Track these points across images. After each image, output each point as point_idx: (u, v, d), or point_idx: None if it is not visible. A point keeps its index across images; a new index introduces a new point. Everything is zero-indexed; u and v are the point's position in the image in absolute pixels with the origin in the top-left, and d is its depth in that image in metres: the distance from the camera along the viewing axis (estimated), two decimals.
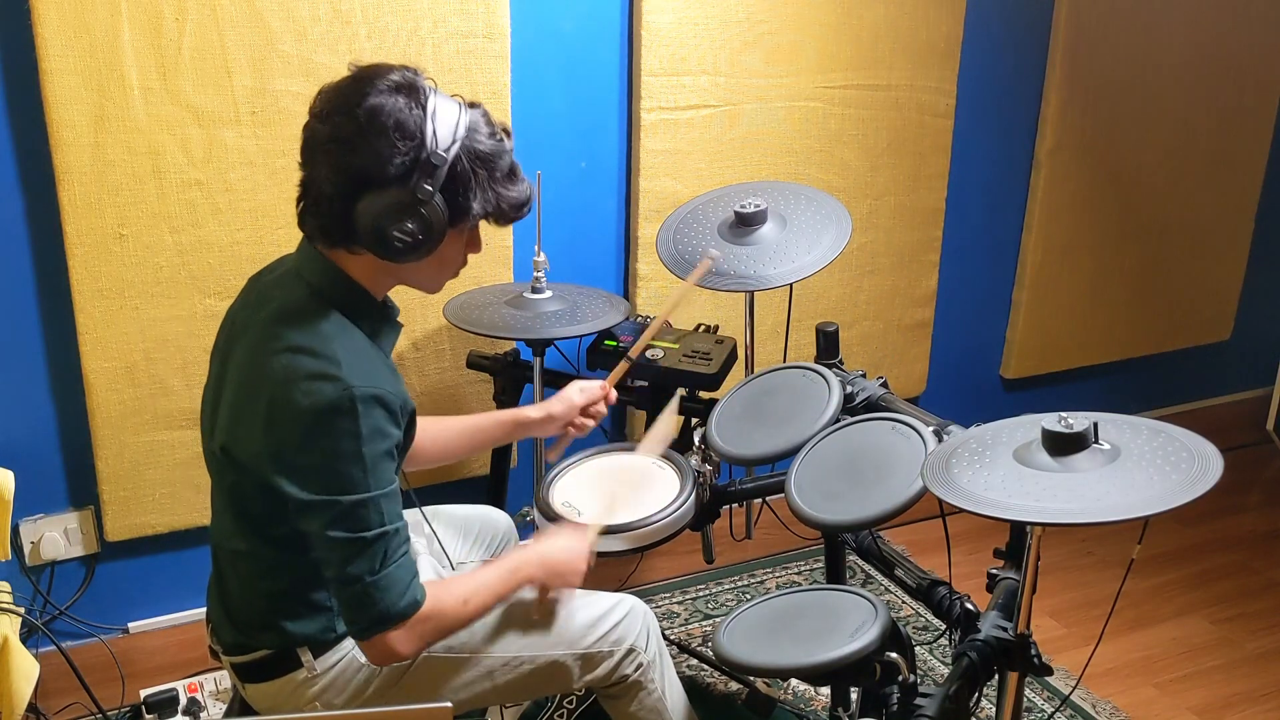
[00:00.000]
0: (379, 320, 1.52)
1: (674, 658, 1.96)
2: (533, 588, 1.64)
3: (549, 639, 1.67)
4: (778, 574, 2.89)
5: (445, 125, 1.41)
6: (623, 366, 2.01)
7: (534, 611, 1.66)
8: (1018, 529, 1.68)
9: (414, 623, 1.45)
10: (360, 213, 1.40)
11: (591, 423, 1.93)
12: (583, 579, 1.67)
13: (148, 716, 2.20)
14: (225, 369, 1.51)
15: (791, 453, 1.77)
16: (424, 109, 1.40)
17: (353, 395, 1.37)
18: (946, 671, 1.54)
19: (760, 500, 2.58)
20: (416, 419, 1.56)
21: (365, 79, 1.42)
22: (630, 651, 1.71)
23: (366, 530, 1.40)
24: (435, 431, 1.86)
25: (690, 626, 2.66)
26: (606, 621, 1.70)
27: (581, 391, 1.92)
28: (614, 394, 1.95)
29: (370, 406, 1.38)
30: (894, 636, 1.52)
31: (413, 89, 1.42)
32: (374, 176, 1.39)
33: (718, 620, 2.66)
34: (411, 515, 1.88)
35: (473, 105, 1.48)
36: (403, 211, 1.39)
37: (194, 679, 2.28)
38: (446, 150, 1.40)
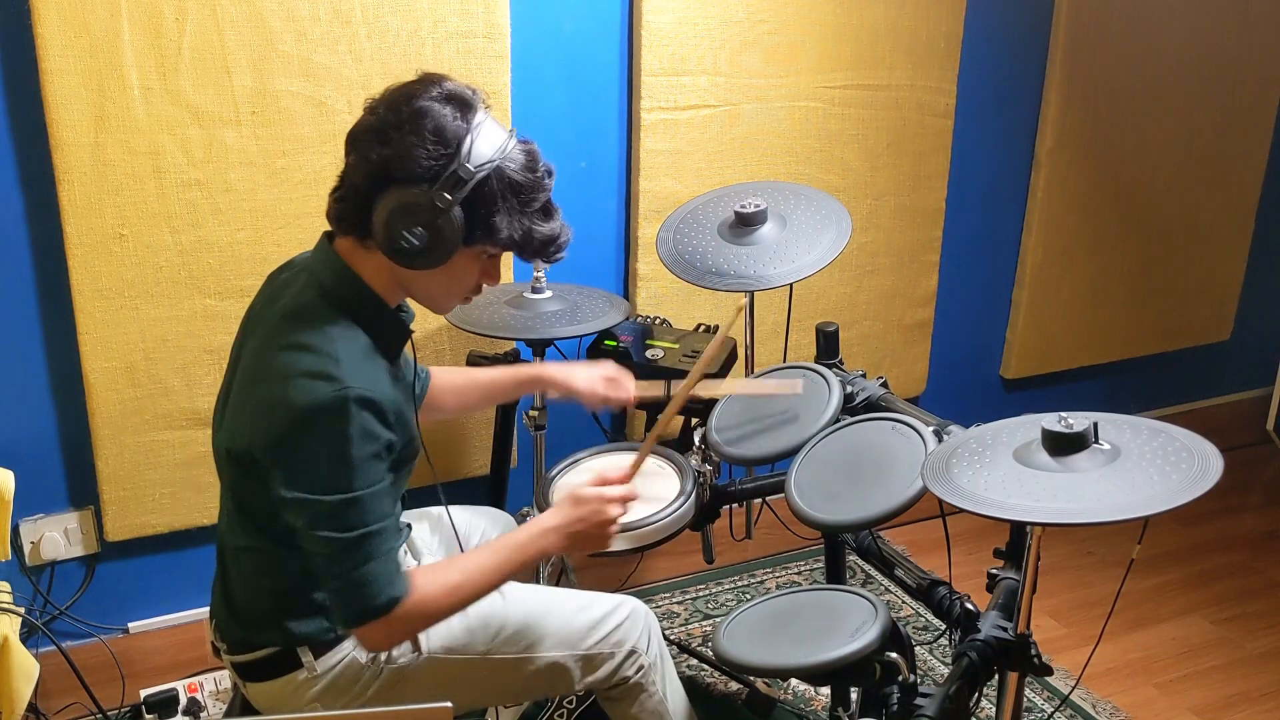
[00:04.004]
0: (388, 325, 1.51)
1: (674, 658, 1.96)
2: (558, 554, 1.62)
3: (550, 640, 1.67)
4: (778, 574, 2.89)
5: (485, 145, 1.41)
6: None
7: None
8: (1018, 529, 1.68)
9: (396, 617, 1.44)
10: (378, 206, 1.40)
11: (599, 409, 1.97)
12: (615, 530, 1.61)
13: (148, 716, 2.20)
14: (238, 364, 1.52)
15: (791, 453, 1.77)
16: (469, 124, 1.40)
17: (346, 396, 1.37)
18: (946, 671, 1.54)
19: (760, 500, 2.58)
20: (430, 383, 1.61)
21: (424, 81, 1.43)
22: (631, 653, 1.71)
23: (350, 530, 1.40)
24: (459, 385, 1.87)
25: (690, 626, 2.66)
26: (608, 623, 1.70)
27: (612, 386, 1.92)
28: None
29: (361, 409, 1.38)
30: (894, 636, 1.52)
31: (465, 104, 1.42)
32: (398, 172, 1.39)
33: (718, 620, 2.65)
34: (433, 511, 1.90)
35: (524, 141, 1.47)
36: (417, 213, 1.39)
37: (194, 679, 2.28)
38: (478, 167, 1.40)
